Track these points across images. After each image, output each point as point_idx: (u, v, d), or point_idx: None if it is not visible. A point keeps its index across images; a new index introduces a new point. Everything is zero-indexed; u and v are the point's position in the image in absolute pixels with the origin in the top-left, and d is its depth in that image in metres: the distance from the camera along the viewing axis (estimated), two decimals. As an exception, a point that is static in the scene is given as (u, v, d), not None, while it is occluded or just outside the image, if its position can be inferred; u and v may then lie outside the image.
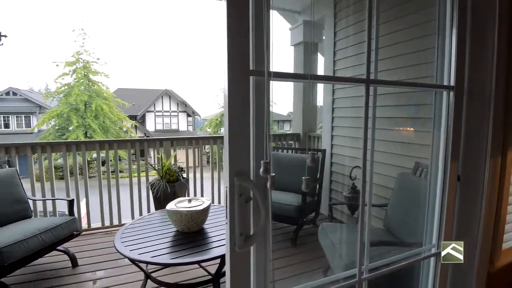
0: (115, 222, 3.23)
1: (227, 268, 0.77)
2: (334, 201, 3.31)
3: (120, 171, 3.24)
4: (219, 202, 3.68)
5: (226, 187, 0.72)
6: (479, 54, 1.18)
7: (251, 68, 0.70)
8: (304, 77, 0.77)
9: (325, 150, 3.29)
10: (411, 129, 2.27)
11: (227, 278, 0.78)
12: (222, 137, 3.78)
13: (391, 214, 2.12)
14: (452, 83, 1.18)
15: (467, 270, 1.30)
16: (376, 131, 1.04)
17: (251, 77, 0.71)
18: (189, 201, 2.12)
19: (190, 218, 1.97)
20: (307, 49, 3.75)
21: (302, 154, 3.58)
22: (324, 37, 3.96)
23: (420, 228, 1.38)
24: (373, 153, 1.00)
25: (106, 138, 14.74)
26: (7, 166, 2.69)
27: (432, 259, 1.31)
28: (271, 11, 0.73)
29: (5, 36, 3.04)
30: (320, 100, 4.18)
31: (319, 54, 3.95)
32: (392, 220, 2.10)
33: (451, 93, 1.18)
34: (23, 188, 2.62)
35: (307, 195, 2.94)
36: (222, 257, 1.79)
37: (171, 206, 2.04)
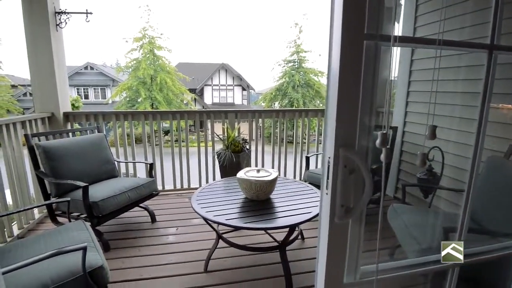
0: (185, 186, 3.52)
1: (323, 238, 0.77)
2: (403, 182, 3.11)
3: (182, 140, 3.46)
4: (279, 175, 3.73)
5: (329, 158, 0.71)
6: None
7: (365, 31, 0.65)
8: (432, 42, 0.69)
9: (396, 127, 3.06)
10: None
11: (321, 247, 0.80)
12: (283, 111, 3.75)
13: (477, 200, 1.91)
14: None
15: None
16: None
17: (364, 42, 0.65)
18: (258, 171, 2.18)
19: (259, 187, 2.04)
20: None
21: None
22: (402, 1, 3.54)
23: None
24: (484, 138, 0.89)
25: (170, 109, 15.79)
26: (97, 131, 3.05)
27: (535, 252, 1.16)
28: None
29: (91, 13, 3.30)
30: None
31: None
32: (477, 207, 1.90)
33: None
34: (110, 151, 2.97)
35: (374, 175, 2.81)
36: (291, 227, 1.84)
37: (241, 174, 2.13)
